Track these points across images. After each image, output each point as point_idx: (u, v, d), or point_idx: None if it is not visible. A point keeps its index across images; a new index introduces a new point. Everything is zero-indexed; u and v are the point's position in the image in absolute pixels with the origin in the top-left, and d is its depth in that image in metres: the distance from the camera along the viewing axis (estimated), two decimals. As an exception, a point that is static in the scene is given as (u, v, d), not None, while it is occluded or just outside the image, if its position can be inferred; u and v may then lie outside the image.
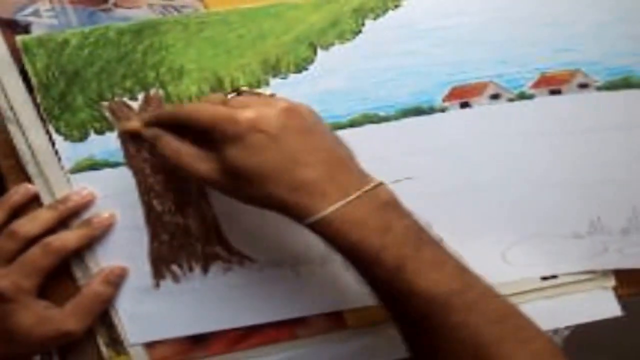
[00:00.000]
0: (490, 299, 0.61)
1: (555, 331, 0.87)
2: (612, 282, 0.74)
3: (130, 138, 0.68)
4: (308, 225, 0.60)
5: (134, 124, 0.67)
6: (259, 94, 0.66)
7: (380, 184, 0.61)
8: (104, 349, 0.70)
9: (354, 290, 0.70)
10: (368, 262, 0.60)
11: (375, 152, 0.69)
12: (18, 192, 0.68)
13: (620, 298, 0.74)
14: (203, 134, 0.62)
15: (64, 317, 0.67)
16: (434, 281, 0.59)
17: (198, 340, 0.71)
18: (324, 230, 0.60)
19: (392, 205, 0.61)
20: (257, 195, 0.61)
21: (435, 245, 0.61)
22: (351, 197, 0.59)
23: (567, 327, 0.89)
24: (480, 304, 0.60)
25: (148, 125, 0.66)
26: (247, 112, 0.60)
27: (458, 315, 0.59)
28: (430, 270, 0.59)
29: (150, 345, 0.71)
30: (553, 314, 0.73)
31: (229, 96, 0.65)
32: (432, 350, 0.60)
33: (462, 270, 0.61)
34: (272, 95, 0.66)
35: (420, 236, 0.61)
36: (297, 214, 0.60)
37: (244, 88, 0.67)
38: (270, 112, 0.60)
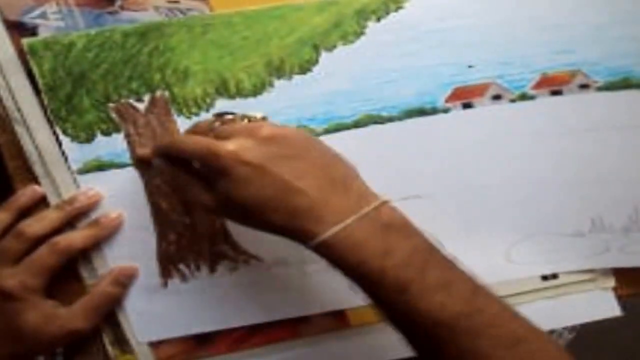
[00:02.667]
0: (504, 322, 0.59)
1: (560, 335, 0.87)
2: (612, 282, 0.74)
3: (135, 136, 0.68)
4: (310, 248, 0.60)
5: (146, 151, 0.68)
6: (246, 118, 0.65)
7: (383, 203, 0.60)
8: (109, 348, 0.71)
9: (358, 289, 0.70)
10: (369, 284, 0.59)
11: (379, 153, 0.69)
12: (25, 194, 0.68)
13: (620, 298, 0.74)
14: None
15: (72, 316, 0.67)
16: (439, 304, 0.57)
17: (203, 339, 0.71)
18: (326, 253, 0.59)
19: (396, 225, 0.60)
20: (257, 223, 0.61)
21: (444, 266, 0.60)
22: (348, 221, 0.58)
23: (570, 332, 0.89)
24: (491, 328, 0.58)
25: (155, 155, 0.67)
26: (228, 145, 0.59)
27: (465, 339, 0.57)
28: (435, 293, 0.58)
29: (155, 344, 0.71)
30: (553, 314, 0.74)
31: (215, 123, 0.64)
32: None
33: (473, 292, 0.59)
34: (263, 119, 0.65)
35: (427, 257, 0.59)
36: (298, 239, 0.60)
37: (230, 114, 0.65)
38: (251, 143, 0.59)
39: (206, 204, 0.62)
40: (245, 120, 0.64)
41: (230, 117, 0.64)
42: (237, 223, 0.64)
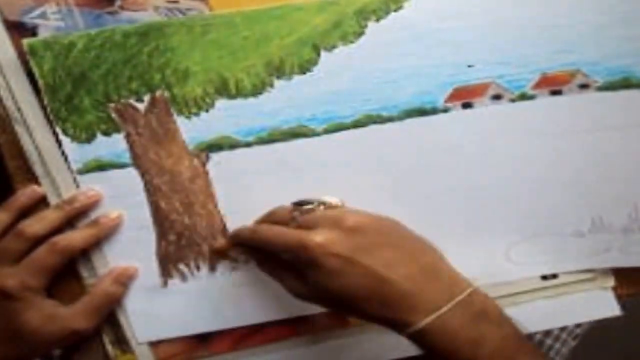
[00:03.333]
0: None
1: (564, 343, 0.87)
2: (611, 282, 0.74)
3: (135, 137, 0.68)
4: (405, 336, 0.60)
5: (222, 243, 0.69)
6: (322, 205, 0.65)
7: (475, 289, 0.61)
8: (109, 348, 0.71)
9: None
10: None
11: (379, 153, 0.69)
12: (25, 194, 0.68)
13: (619, 298, 0.74)
14: None
15: (73, 316, 0.67)
16: None
17: (202, 339, 0.71)
18: (420, 341, 0.60)
19: (488, 313, 0.61)
20: (352, 312, 0.63)
21: (533, 355, 0.61)
22: (443, 310, 0.59)
23: (574, 338, 0.89)
24: None
25: (235, 245, 0.68)
26: (316, 237, 0.60)
27: None
28: None
29: (155, 344, 0.71)
30: (553, 313, 0.74)
31: (295, 213, 0.65)
32: None
33: None
34: (337, 205, 0.65)
35: (518, 347, 0.60)
36: (392, 327, 0.61)
37: (308, 203, 0.66)
38: (338, 234, 0.60)
39: (297, 291, 0.63)
40: (322, 207, 0.65)
41: (309, 206, 0.65)
42: (332, 310, 0.66)
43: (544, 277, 0.74)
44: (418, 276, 0.60)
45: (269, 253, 0.65)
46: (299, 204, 0.65)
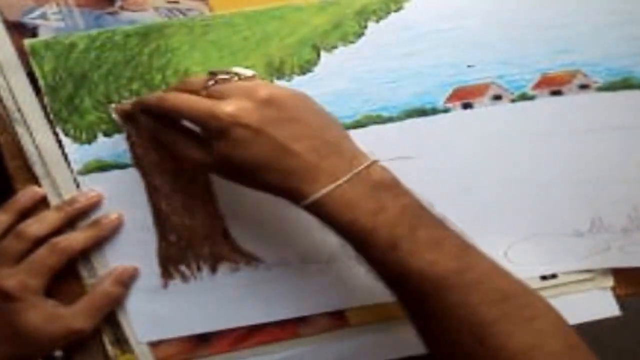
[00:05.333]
0: (493, 278, 0.60)
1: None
2: (610, 282, 0.74)
3: (136, 137, 0.68)
4: (303, 208, 0.61)
5: (127, 107, 0.68)
6: (237, 76, 0.64)
7: (373, 162, 0.61)
8: (109, 348, 0.71)
9: (357, 289, 0.71)
10: (361, 242, 0.60)
11: (379, 153, 0.69)
12: (25, 195, 0.68)
13: (619, 298, 0.74)
14: None
15: (74, 316, 0.67)
16: (429, 262, 0.59)
17: (202, 339, 0.71)
18: (318, 212, 0.60)
19: (387, 184, 0.61)
20: (251, 183, 0.63)
21: (435, 224, 0.61)
22: (340, 181, 0.59)
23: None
24: (481, 283, 0.59)
25: (141, 110, 0.67)
26: (227, 107, 0.60)
27: (456, 295, 0.58)
28: (426, 251, 0.59)
29: (155, 344, 0.71)
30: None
31: (209, 82, 0.63)
32: (434, 330, 0.60)
33: (463, 250, 0.61)
34: (252, 77, 0.65)
35: (418, 216, 0.61)
36: (291, 198, 0.61)
37: (224, 72, 0.64)
38: (250, 105, 0.60)
39: (200, 160, 0.63)
40: (236, 78, 0.64)
41: (225, 76, 0.64)
42: (231, 181, 0.64)
43: (543, 277, 0.74)
44: (321, 150, 0.60)
45: (172, 121, 0.65)
46: (214, 73, 0.64)
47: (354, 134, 0.69)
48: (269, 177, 0.61)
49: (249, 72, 0.64)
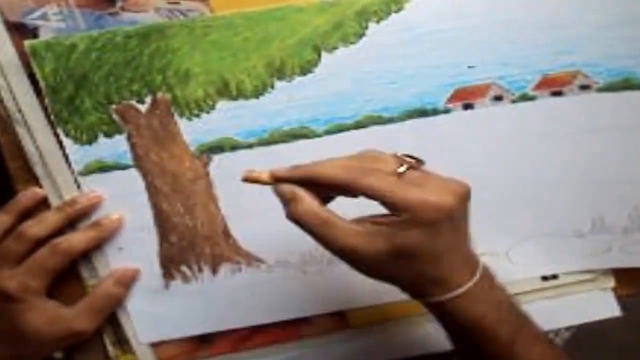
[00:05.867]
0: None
1: (556, 333, 0.87)
2: (611, 282, 0.74)
3: (137, 138, 0.68)
4: (434, 302, 0.60)
5: (263, 175, 0.61)
6: (419, 162, 0.61)
7: (484, 263, 0.62)
8: (110, 348, 0.71)
9: (358, 290, 0.71)
10: (487, 337, 0.60)
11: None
12: (26, 196, 0.68)
13: (619, 298, 0.74)
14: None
15: (75, 317, 0.67)
16: (539, 355, 0.61)
17: (203, 340, 0.72)
18: (451, 306, 0.59)
19: (495, 280, 0.62)
20: (412, 277, 0.60)
21: (530, 318, 0.63)
22: (477, 278, 0.59)
23: (568, 329, 0.89)
24: None
25: (285, 180, 0.60)
26: (447, 198, 0.58)
27: None
28: (534, 345, 0.61)
29: (156, 345, 0.71)
30: (553, 314, 0.74)
31: (400, 168, 0.59)
32: None
33: (546, 338, 0.64)
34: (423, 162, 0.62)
35: (519, 309, 0.62)
36: (428, 292, 0.60)
37: (413, 158, 0.61)
38: (461, 201, 0.59)
39: (376, 251, 0.58)
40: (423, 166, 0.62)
41: (411, 161, 0.61)
42: (359, 270, 0.61)
43: (544, 278, 0.74)
44: (459, 254, 0.60)
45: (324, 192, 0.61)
46: (408, 156, 0.61)
47: (355, 135, 0.69)
48: (436, 270, 0.59)
49: (420, 158, 0.62)
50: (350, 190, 0.58)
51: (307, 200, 0.59)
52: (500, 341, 0.60)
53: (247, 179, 0.61)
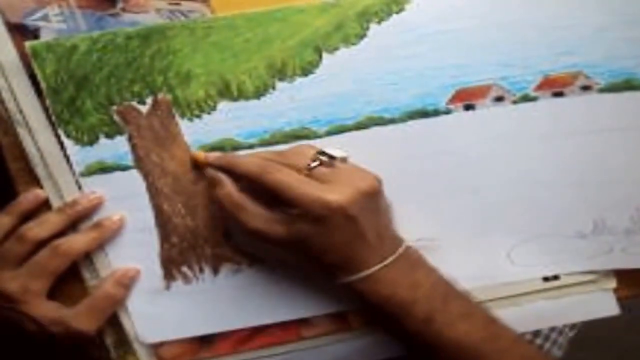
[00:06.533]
0: (519, 345, 0.65)
1: (560, 332, 0.88)
2: (613, 283, 0.74)
3: (138, 139, 0.68)
4: (344, 283, 0.64)
5: (200, 155, 0.68)
6: (332, 158, 0.66)
7: (409, 244, 0.65)
8: (111, 349, 0.71)
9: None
10: (399, 315, 0.63)
11: (381, 154, 0.69)
12: (27, 198, 0.68)
13: (620, 299, 0.74)
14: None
15: (76, 318, 0.67)
16: (463, 332, 0.63)
17: (204, 341, 0.72)
18: (360, 287, 0.63)
19: (420, 263, 0.65)
20: (311, 259, 0.65)
21: (463, 297, 0.65)
22: (388, 261, 0.63)
23: (571, 329, 0.89)
24: (509, 351, 0.64)
25: (213, 165, 0.67)
26: (337, 196, 0.62)
27: None
28: (459, 322, 0.63)
29: (157, 346, 0.71)
30: (554, 314, 0.74)
31: (312, 164, 0.65)
32: None
33: (490, 320, 0.65)
34: (343, 160, 0.66)
35: (447, 290, 0.65)
36: (335, 274, 0.64)
37: (328, 155, 0.66)
38: (356, 197, 0.62)
39: (273, 235, 0.64)
40: (337, 162, 0.66)
41: (325, 159, 0.65)
42: (287, 251, 0.66)
43: (546, 279, 0.74)
44: (381, 234, 0.64)
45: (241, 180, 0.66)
46: (322, 153, 0.66)
47: (356, 136, 0.69)
48: (332, 258, 0.63)
49: (344, 154, 0.66)
50: (259, 184, 0.64)
51: (226, 185, 0.65)
52: (414, 319, 0.63)
53: (191, 156, 0.69)
